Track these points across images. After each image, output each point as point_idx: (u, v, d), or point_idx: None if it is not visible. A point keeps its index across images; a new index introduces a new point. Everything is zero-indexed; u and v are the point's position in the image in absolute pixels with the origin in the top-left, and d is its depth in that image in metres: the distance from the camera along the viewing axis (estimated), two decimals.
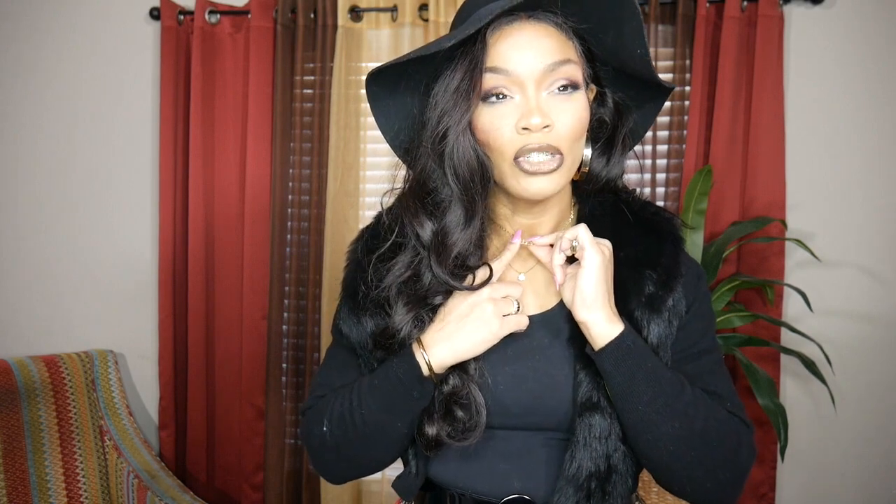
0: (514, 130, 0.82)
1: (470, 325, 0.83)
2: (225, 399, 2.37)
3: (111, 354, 2.36)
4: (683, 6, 2.09)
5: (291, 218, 2.33)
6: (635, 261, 0.87)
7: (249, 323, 2.31)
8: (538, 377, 0.87)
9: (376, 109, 0.90)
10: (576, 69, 0.83)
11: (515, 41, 0.81)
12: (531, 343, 0.88)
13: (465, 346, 0.83)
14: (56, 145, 2.46)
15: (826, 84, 2.14)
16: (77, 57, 2.43)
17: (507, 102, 0.82)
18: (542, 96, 0.82)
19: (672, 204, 2.15)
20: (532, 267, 0.91)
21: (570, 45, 0.84)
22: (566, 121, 0.82)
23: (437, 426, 0.85)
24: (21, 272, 2.49)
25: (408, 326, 0.86)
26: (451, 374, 0.85)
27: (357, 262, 0.94)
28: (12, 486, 2.08)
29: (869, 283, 2.14)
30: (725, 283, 1.96)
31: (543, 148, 0.81)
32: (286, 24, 2.26)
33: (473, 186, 0.84)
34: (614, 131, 0.90)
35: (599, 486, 0.83)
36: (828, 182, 2.15)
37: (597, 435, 0.83)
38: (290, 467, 2.35)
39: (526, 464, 0.88)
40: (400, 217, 0.89)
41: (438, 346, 0.83)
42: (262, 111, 2.29)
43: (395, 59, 0.84)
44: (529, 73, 0.81)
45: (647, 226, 0.90)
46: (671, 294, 0.87)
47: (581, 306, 0.81)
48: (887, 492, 2.17)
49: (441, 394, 0.85)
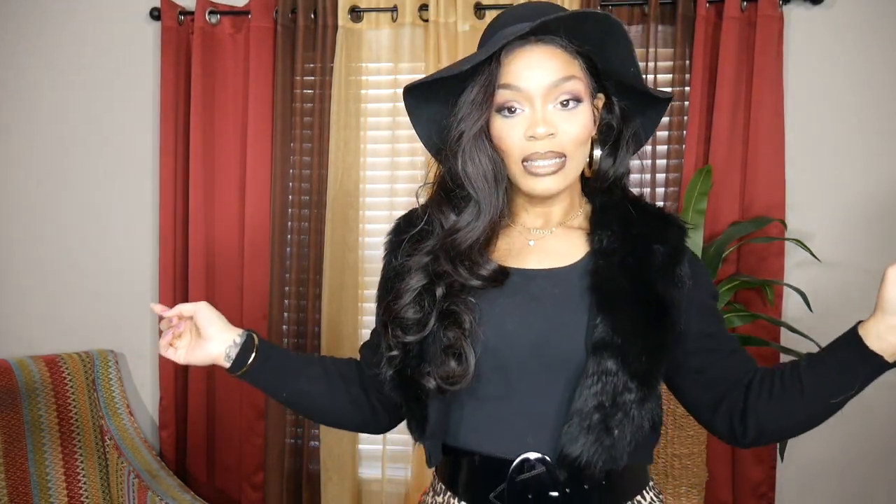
0: (522, 138, 0.95)
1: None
2: (225, 399, 2.37)
3: (112, 354, 2.36)
4: (683, 6, 2.09)
5: (291, 218, 2.33)
6: (645, 236, 0.99)
7: (249, 323, 2.31)
8: (548, 320, 0.97)
9: (413, 118, 1.04)
10: (578, 84, 0.96)
11: (525, 61, 0.94)
12: (539, 292, 0.99)
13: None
14: (56, 145, 2.46)
15: (826, 84, 2.14)
16: (77, 57, 2.44)
17: (517, 115, 0.96)
18: (548, 109, 0.95)
19: (672, 204, 2.15)
20: (543, 237, 1.04)
21: (574, 63, 0.96)
22: (568, 129, 0.95)
23: (434, 377, 0.96)
24: (21, 272, 2.49)
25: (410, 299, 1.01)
26: (447, 327, 0.96)
27: (392, 244, 1.08)
28: (13, 485, 2.08)
29: (869, 283, 2.13)
30: (725, 283, 1.96)
31: (548, 154, 0.94)
32: (286, 24, 2.26)
33: (487, 185, 0.98)
34: (620, 135, 1.02)
35: (602, 420, 0.91)
36: (828, 182, 2.15)
37: (605, 370, 0.92)
38: (290, 467, 2.35)
39: (535, 412, 0.96)
40: (429, 207, 1.03)
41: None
42: (262, 111, 2.29)
43: (426, 77, 0.99)
44: (536, 89, 0.94)
45: (653, 214, 1.03)
46: (678, 265, 0.98)
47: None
48: (887, 492, 2.17)
49: (438, 345, 0.96)
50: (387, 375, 1.02)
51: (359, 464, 2.36)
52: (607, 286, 0.96)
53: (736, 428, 1.00)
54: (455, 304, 0.97)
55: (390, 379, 1.02)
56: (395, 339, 1.00)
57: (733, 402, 1.00)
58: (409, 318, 0.99)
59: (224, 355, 1.05)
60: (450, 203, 1.01)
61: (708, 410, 1.03)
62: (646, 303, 0.95)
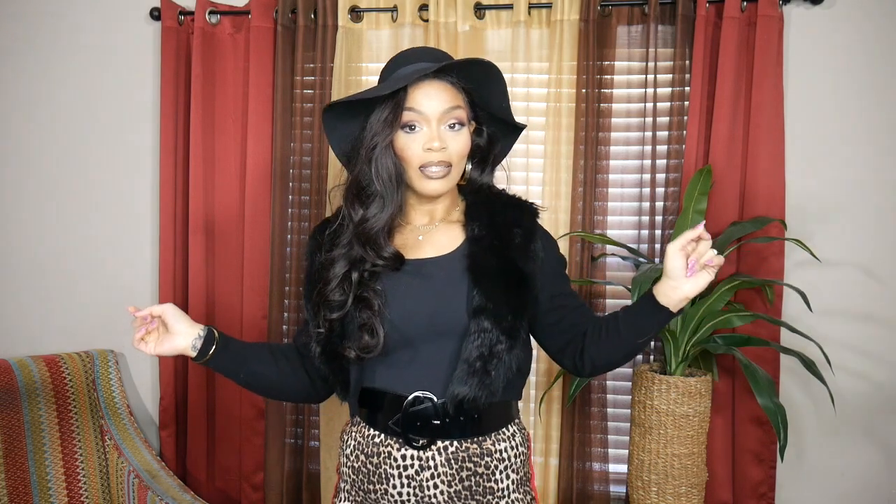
0: (420, 150, 1.24)
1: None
2: (225, 399, 2.38)
3: (112, 354, 2.36)
4: (683, 6, 2.09)
5: (291, 218, 2.34)
6: (507, 223, 1.30)
7: (249, 323, 2.31)
8: (437, 295, 1.27)
9: (328, 130, 1.33)
10: (462, 112, 1.27)
11: (425, 92, 1.24)
12: (429, 276, 1.28)
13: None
14: (56, 145, 2.46)
15: (826, 84, 2.14)
16: (77, 57, 2.44)
17: (417, 131, 1.25)
18: (441, 129, 1.25)
19: (672, 204, 2.15)
20: (429, 231, 1.33)
21: (459, 96, 1.27)
22: (454, 146, 1.26)
23: (354, 349, 1.25)
24: (21, 272, 2.50)
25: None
26: (361, 309, 1.25)
27: (314, 244, 1.36)
28: (13, 485, 2.09)
29: (868, 283, 2.14)
30: (725, 283, 1.96)
31: (441, 162, 1.24)
32: (286, 24, 2.26)
33: (391, 184, 1.26)
34: (487, 153, 1.35)
35: (483, 366, 1.22)
36: (828, 182, 2.15)
37: (483, 328, 1.22)
38: (290, 467, 2.35)
39: (432, 367, 1.26)
40: (342, 208, 1.31)
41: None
42: (262, 111, 2.29)
43: (345, 98, 1.26)
44: (433, 113, 1.24)
45: (512, 204, 1.34)
46: (532, 243, 1.30)
47: (690, 292, 1.18)
48: (887, 491, 2.17)
49: (355, 324, 1.25)
50: (316, 351, 1.31)
51: None
52: (480, 265, 1.26)
53: (577, 362, 1.32)
54: (366, 291, 1.26)
55: (319, 354, 1.30)
56: (323, 317, 1.28)
57: (575, 344, 1.32)
58: (335, 300, 1.27)
59: (190, 346, 1.29)
60: (360, 200, 1.28)
61: (559, 352, 1.36)
62: (509, 274, 1.26)
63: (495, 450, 1.28)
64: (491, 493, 1.27)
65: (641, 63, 2.17)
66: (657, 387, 1.91)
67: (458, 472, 1.25)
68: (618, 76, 2.19)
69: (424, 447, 1.25)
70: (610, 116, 2.19)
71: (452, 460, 1.25)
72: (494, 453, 1.28)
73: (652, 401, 1.92)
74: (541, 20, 2.19)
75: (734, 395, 2.14)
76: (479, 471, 1.26)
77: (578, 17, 2.12)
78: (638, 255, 2.09)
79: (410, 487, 1.25)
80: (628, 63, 2.20)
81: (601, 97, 2.17)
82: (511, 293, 1.25)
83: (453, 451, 1.26)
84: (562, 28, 2.13)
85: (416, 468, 1.25)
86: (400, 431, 1.26)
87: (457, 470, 1.25)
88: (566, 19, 2.13)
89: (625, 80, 2.20)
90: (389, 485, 1.26)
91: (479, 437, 1.27)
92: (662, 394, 1.90)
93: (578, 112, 2.14)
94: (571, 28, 2.13)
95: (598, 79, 2.16)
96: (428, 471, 1.25)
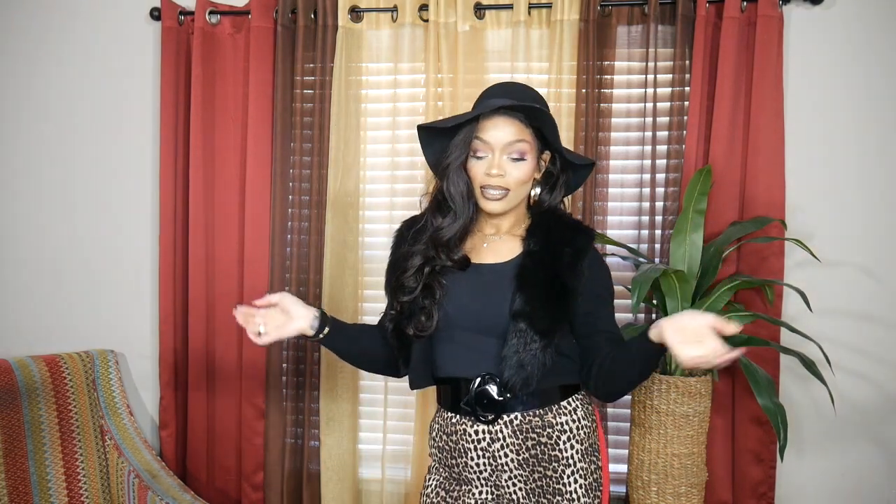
0: (483, 174, 1.43)
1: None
2: (225, 399, 2.38)
3: (112, 354, 2.36)
4: (683, 6, 2.09)
5: (291, 218, 2.34)
6: (559, 241, 1.46)
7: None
8: (486, 296, 1.45)
9: (424, 146, 1.53)
10: (526, 146, 1.43)
11: (494, 124, 1.43)
12: (484, 279, 1.47)
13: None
14: (56, 145, 2.46)
15: (826, 84, 2.14)
16: (77, 57, 2.44)
17: (482, 158, 1.44)
18: (504, 158, 1.43)
19: (672, 204, 2.15)
20: (494, 241, 1.52)
21: (526, 131, 1.44)
22: (514, 174, 1.43)
23: (412, 327, 1.46)
24: (21, 272, 2.50)
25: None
26: (426, 296, 1.46)
27: (400, 236, 1.57)
28: (13, 485, 2.09)
29: (868, 283, 2.14)
30: (725, 283, 1.96)
31: (498, 186, 1.43)
32: (286, 24, 2.27)
33: (462, 199, 1.47)
34: (557, 179, 1.51)
35: (519, 362, 1.39)
36: (828, 182, 2.15)
37: (519, 329, 1.39)
38: (290, 467, 2.35)
39: (485, 357, 1.44)
40: (427, 212, 1.53)
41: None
42: (262, 111, 2.29)
43: (432, 123, 1.49)
44: (497, 144, 1.42)
45: (570, 226, 1.51)
46: (580, 262, 1.45)
47: (687, 359, 1.24)
48: (887, 491, 2.17)
49: (417, 308, 1.46)
50: (388, 328, 1.52)
51: (359, 464, 2.36)
52: (527, 275, 1.43)
53: (588, 382, 1.46)
54: (433, 281, 1.47)
55: (392, 330, 1.51)
56: (397, 300, 1.49)
57: (590, 366, 1.45)
58: (408, 286, 1.48)
59: (309, 326, 1.47)
60: (440, 210, 1.50)
61: (581, 368, 1.48)
62: (552, 286, 1.42)
63: (556, 422, 1.44)
64: (556, 460, 1.44)
65: (641, 63, 2.17)
66: (657, 387, 1.91)
67: (524, 442, 1.43)
68: (618, 76, 2.19)
69: (492, 421, 1.43)
70: (610, 116, 2.19)
71: (518, 431, 1.43)
72: (556, 425, 1.44)
73: (652, 401, 1.92)
74: (541, 20, 2.19)
75: (734, 395, 2.14)
76: (543, 440, 1.43)
77: (578, 17, 2.13)
78: (638, 255, 2.09)
79: (485, 458, 1.45)
80: (628, 63, 2.20)
81: (601, 97, 2.17)
82: (550, 302, 1.41)
83: (518, 423, 1.43)
84: (562, 28, 2.13)
85: (488, 440, 1.44)
86: (470, 410, 1.44)
87: (523, 440, 1.43)
88: (566, 19, 2.13)
89: (625, 80, 2.20)
90: (468, 457, 1.46)
91: (539, 411, 1.44)
92: (662, 394, 1.90)
93: (578, 112, 2.15)
94: (571, 28, 2.13)
95: (598, 79, 2.16)
96: (498, 442, 1.44)
